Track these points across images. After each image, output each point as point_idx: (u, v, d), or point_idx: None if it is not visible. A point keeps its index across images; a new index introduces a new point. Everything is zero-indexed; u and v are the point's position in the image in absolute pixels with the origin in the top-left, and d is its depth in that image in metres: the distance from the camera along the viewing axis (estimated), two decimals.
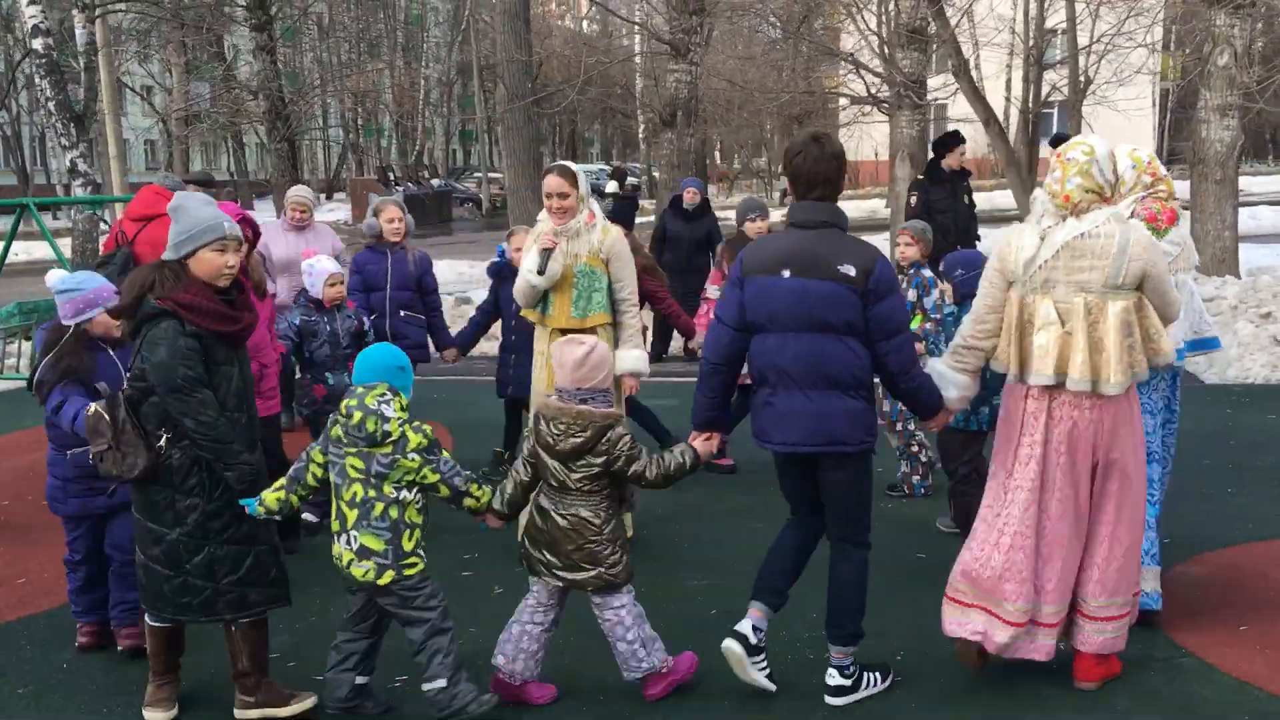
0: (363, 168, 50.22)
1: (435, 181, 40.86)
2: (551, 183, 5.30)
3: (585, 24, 48.24)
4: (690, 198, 9.86)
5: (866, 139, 32.43)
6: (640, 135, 43.99)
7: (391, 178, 36.98)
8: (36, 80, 14.23)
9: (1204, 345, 4.71)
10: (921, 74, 12.77)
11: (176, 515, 3.71)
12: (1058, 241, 3.76)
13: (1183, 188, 16.81)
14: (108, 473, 3.71)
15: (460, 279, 17.11)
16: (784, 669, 4.11)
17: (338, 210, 35.61)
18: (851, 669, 3.96)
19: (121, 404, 3.71)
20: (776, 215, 6.15)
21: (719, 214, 10.85)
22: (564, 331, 5.14)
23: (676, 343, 10.24)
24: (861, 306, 3.69)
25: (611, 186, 36.36)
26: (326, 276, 5.86)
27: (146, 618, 3.92)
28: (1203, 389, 8.99)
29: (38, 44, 13.62)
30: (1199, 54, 12.16)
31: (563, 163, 5.50)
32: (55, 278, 4.32)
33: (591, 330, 5.33)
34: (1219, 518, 5.73)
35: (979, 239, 9.81)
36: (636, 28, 23.80)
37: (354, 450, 3.69)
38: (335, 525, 3.77)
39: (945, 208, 9.41)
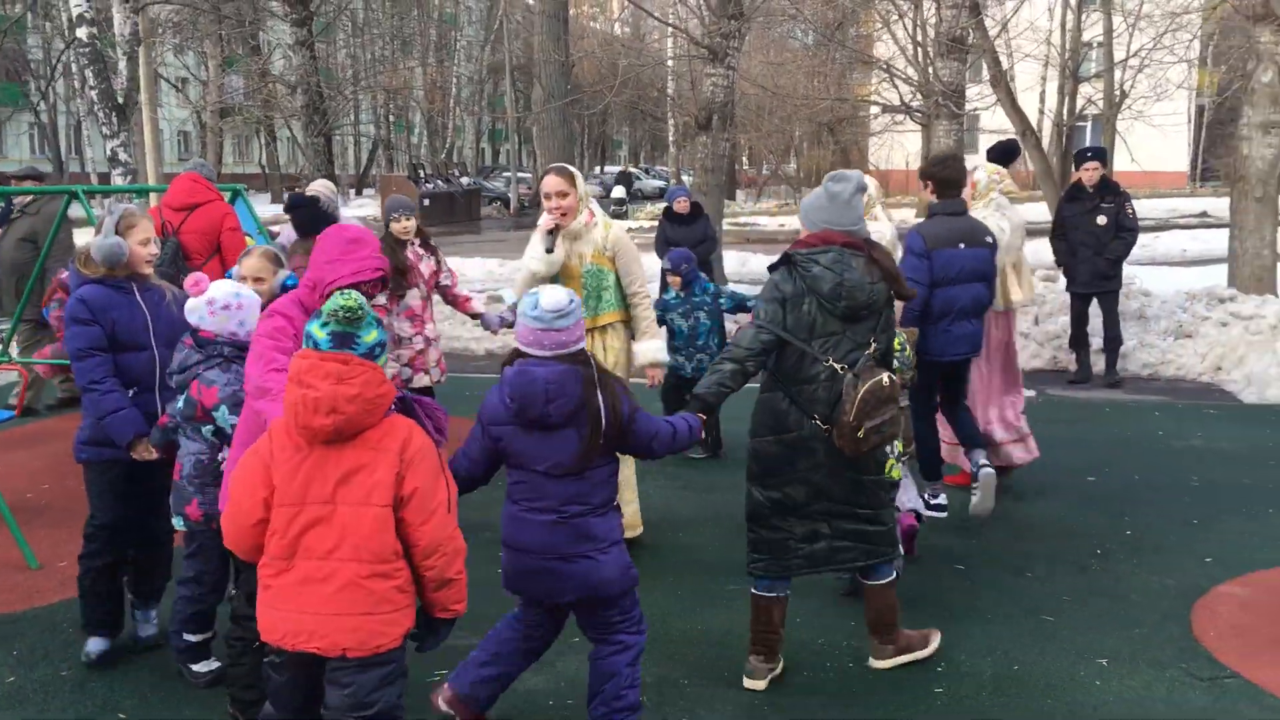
0: (393, 164, 50.44)
1: (465, 179, 40.95)
2: (550, 183, 5.29)
3: (618, 26, 48.30)
4: (681, 206, 10.62)
5: (898, 148, 32.32)
6: (670, 138, 44.01)
7: (422, 174, 37.05)
8: (76, 69, 14.44)
9: None
10: (960, 84, 12.71)
11: None
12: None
13: (1221, 205, 16.66)
14: None
15: (490, 276, 17.17)
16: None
17: (367, 205, 35.77)
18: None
19: None
20: (766, 220, 6.14)
21: (749, 219, 11.09)
22: None
23: None
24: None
25: (618, 192, 36.47)
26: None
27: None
28: (1241, 408, 8.91)
29: (82, 33, 13.72)
30: (1240, 70, 12.07)
31: (561, 164, 5.52)
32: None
33: (605, 328, 5.38)
34: (1262, 538, 5.67)
35: None
36: (671, 30, 23.78)
37: None
38: None
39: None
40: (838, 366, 3.93)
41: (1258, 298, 10.50)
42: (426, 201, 31.81)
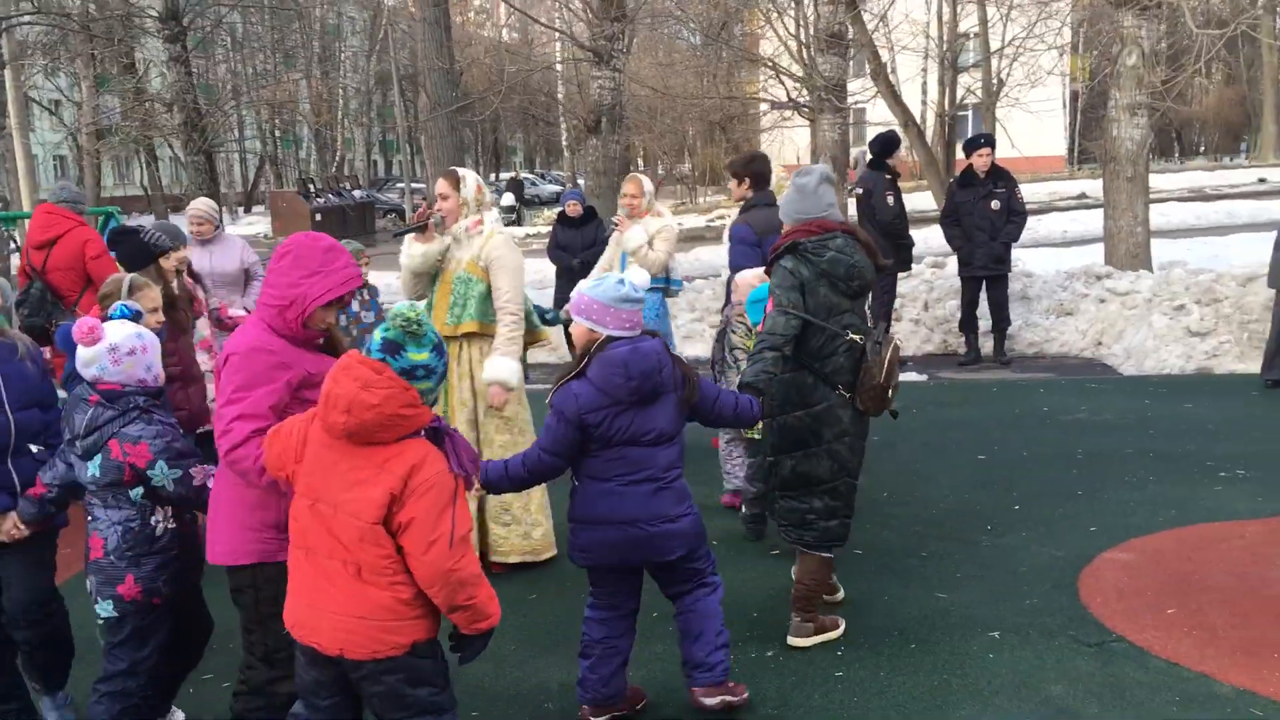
0: (282, 180, 49.46)
1: (357, 193, 40.36)
2: (437, 185, 5.36)
3: (506, 32, 48.07)
4: (573, 210, 10.68)
5: (789, 142, 32.76)
6: (564, 143, 43.95)
7: (312, 189, 36.39)
8: None
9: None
10: (841, 78, 12.92)
11: None
12: None
13: (1098, 186, 17.23)
14: None
15: (388, 290, 16.89)
16: None
17: (257, 224, 35.09)
18: None
19: None
20: (666, 215, 6.35)
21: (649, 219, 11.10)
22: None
23: None
24: None
25: (508, 199, 36.29)
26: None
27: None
28: (1122, 380, 9.23)
29: None
30: (1108, 55, 12.50)
31: (452, 168, 5.47)
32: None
33: (464, 338, 5.24)
34: (1143, 505, 5.88)
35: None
36: (557, 35, 23.77)
37: None
38: None
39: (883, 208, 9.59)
40: (856, 338, 4.28)
41: (1132, 274, 10.88)
42: (318, 217, 31.26)
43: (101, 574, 3.49)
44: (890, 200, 9.61)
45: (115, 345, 3.48)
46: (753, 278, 5.62)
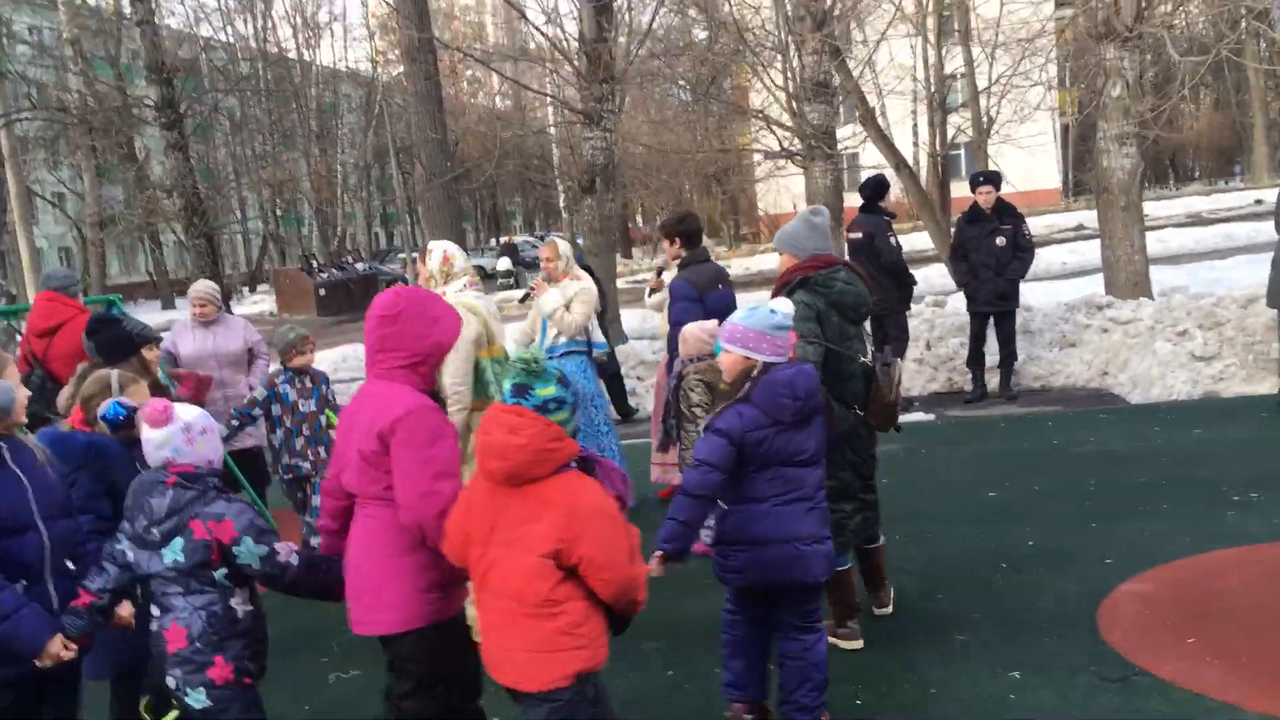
0: (285, 257, 49.85)
1: (360, 265, 40.65)
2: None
3: (498, 99, 48.67)
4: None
5: (785, 191, 33.00)
6: (561, 204, 44.32)
7: (315, 265, 36.68)
8: None
9: None
10: (830, 125, 13.04)
11: None
12: None
13: (1091, 217, 17.30)
14: None
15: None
16: None
17: (262, 302, 35.28)
18: None
19: None
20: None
21: (647, 275, 11.12)
22: None
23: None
24: None
25: (503, 264, 36.38)
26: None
27: None
28: (1129, 410, 9.19)
29: None
30: (1093, 88, 12.60)
31: (430, 242, 5.55)
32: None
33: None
34: (1158, 534, 5.83)
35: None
36: (549, 99, 24.04)
37: None
38: None
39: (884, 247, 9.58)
40: (866, 361, 4.68)
41: (1133, 301, 10.89)
42: (322, 292, 31.46)
43: (187, 664, 3.33)
44: (892, 241, 9.66)
45: (189, 425, 3.39)
46: (699, 330, 5.83)
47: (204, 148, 34.95)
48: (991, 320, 9.89)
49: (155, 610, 3.39)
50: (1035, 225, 28.66)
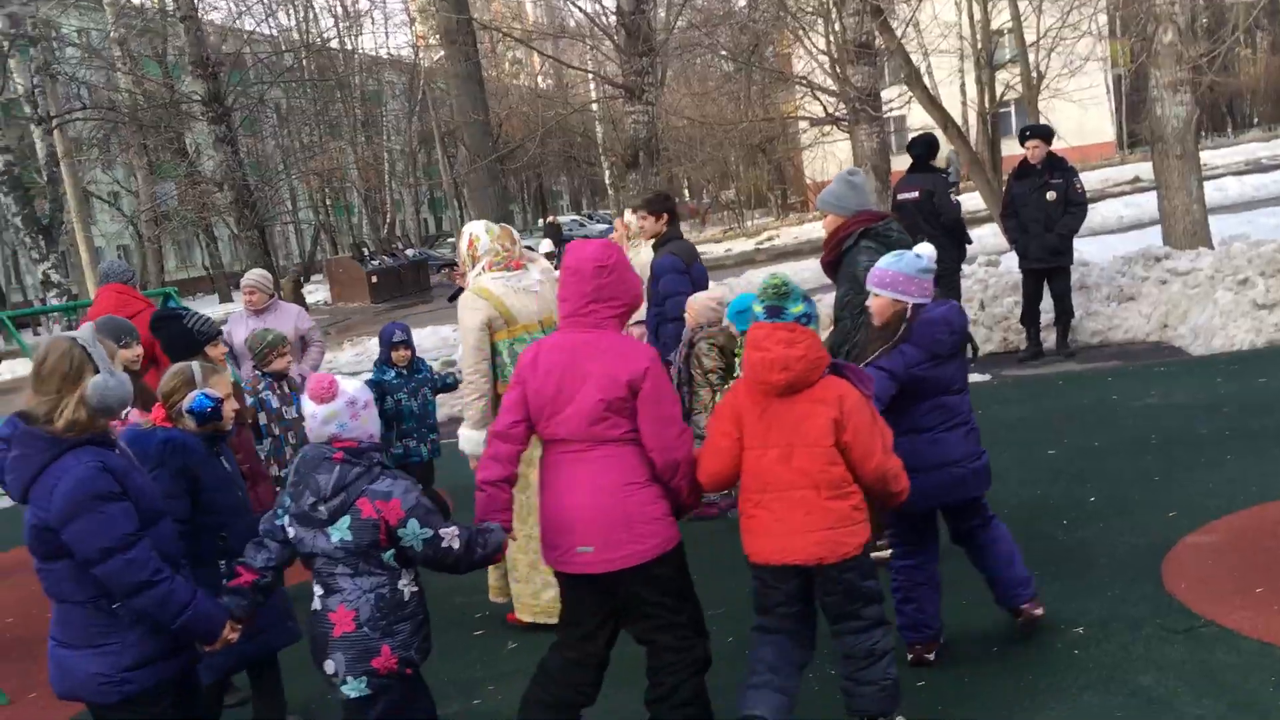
0: (337, 246, 50.35)
1: (410, 251, 40.95)
2: None
3: (540, 79, 48.69)
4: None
5: (831, 157, 32.64)
6: (607, 181, 44.30)
7: (366, 253, 36.99)
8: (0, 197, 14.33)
9: None
10: (875, 87, 12.85)
11: None
12: None
13: (1147, 169, 16.90)
14: None
15: (444, 343, 17.14)
16: None
17: (317, 291, 35.65)
18: None
19: None
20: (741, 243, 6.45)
21: (701, 249, 11.11)
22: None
23: None
24: None
25: (546, 246, 36.24)
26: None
27: None
28: (1191, 361, 9.01)
29: None
30: (1145, 36, 12.31)
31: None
32: None
33: None
34: (1222, 485, 5.72)
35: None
36: (590, 75, 24.00)
37: None
38: None
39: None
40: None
41: (1191, 252, 10.65)
42: (374, 279, 31.74)
43: (353, 649, 3.22)
44: (953, 199, 9.49)
45: (354, 399, 3.29)
46: (707, 299, 6.14)
47: (252, 141, 35.31)
48: (1046, 277, 9.71)
49: (319, 589, 3.30)
50: (1090, 180, 28.18)
